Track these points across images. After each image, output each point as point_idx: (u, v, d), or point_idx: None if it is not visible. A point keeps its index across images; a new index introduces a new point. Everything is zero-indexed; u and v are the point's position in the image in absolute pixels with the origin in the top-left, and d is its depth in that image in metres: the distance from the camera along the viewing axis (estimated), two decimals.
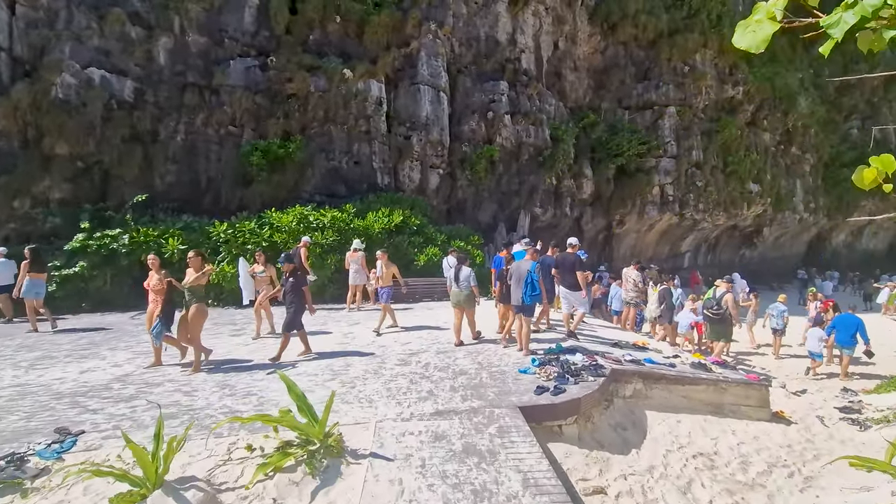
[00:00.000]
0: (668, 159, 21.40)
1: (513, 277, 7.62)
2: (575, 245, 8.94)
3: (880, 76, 36.07)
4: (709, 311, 10.14)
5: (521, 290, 7.29)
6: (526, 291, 7.27)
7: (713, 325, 10.23)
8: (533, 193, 19.27)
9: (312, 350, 7.39)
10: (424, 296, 12.66)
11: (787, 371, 11.01)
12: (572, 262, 8.73)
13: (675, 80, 21.93)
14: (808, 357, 10.94)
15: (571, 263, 8.74)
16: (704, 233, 24.56)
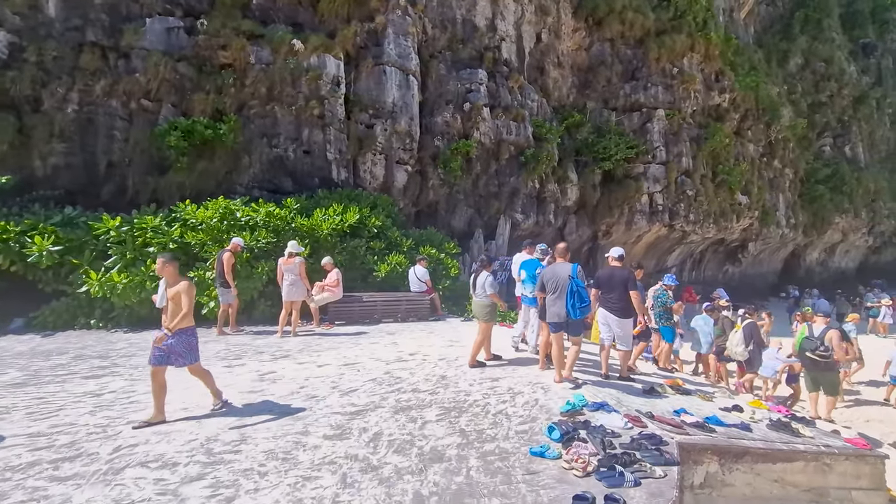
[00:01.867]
0: (658, 165, 19.65)
1: (548, 287, 6.00)
2: (619, 257, 6.61)
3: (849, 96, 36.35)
4: (812, 354, 7.38)
5: (565, 302, 5.77)
6: (572, 303, 5.73)
7: (815, 373, 7.58)
8: (514, 197, 16.98)
9: (215, 398, 4.71)
10: (385, 315, 9.98)
11: (866, 415, 8.81)
12: (624, 279, 6.36)
13: (663, 81, 20.35)
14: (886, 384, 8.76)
15: (623, 280, 6.37)
16: (691, 246, 22.95)
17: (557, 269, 5.99)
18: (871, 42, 43.82)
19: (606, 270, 6.59)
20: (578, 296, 5.79)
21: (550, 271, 6.14)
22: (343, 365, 6.46)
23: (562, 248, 6.28)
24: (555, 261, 6.47)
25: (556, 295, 5.87)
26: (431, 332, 8.96)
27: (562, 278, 5.87)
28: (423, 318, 10.11)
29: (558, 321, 5.87)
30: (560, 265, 6.03)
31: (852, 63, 37.73)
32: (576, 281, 5.90)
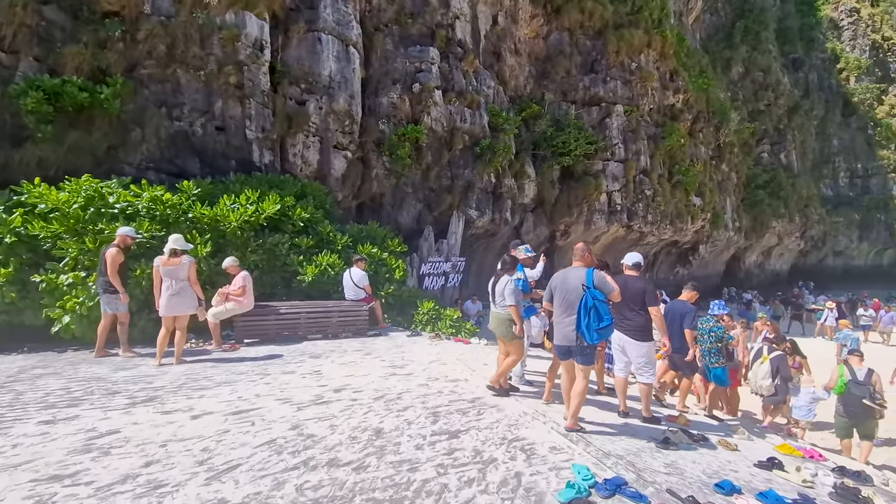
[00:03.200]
0: (616, 163, 18.76)
1: (556, 298, 4.65)
2: (635, 265, 5.30)
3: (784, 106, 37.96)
4: (871, 403, 6.34)
5: (576, 320, 4.40)
6: (586, 322, 4.34)
7: (856, 420, 6.46)
8: (468, 192, 15.33)
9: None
10: (311, 330, 7.91)
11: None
12: (640, 292, 5.04)
13: (622, 76, 19.53)
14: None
15: (639, 293, 5.01)
16: (647, 248, 22.36)
17: (569, 276, 4.59)
18: (800, 57, 46.41)
19: (619, 280, 5.03)
20: (595, 313, 4.33)
21: (560, 278, 4.68)
22: (232, 413, 4.41)
23: (579, 250, 4.73)
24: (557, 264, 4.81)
25: (564, 309, 4.52)
26: (369, 352, 7.03)
27: (573, 288, 4.46)
28: (360, 333, 8.15)
29: (567, 344, 4.48)
30: (573, 270, 4.61)
31: (786, 75, 39.52)
32: (592, 293, 4.38)
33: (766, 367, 7.04)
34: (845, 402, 6.55)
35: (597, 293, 4.51)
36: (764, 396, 7.12)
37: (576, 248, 4.86)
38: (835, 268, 46.56)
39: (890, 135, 49.35)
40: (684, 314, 5.88)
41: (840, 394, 6.57)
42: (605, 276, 4.82)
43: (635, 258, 5.43)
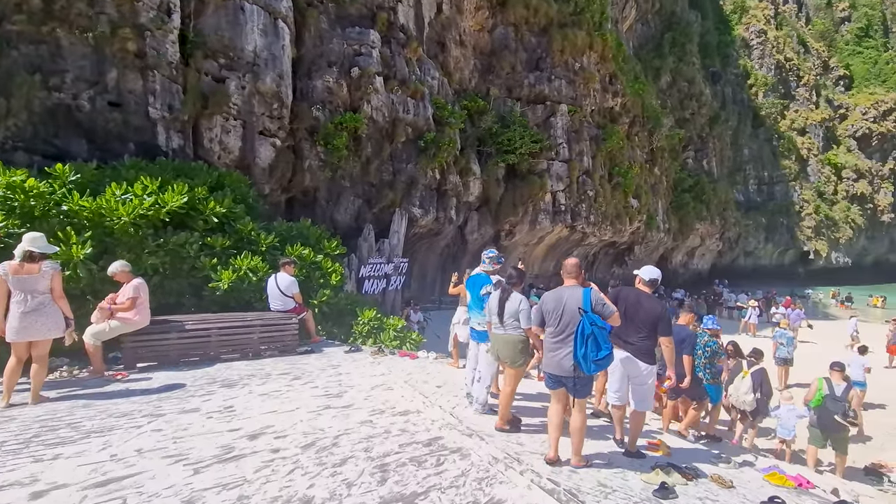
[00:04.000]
0: (561, 163, 18.58)
1: (548, 321, 4.06)
2: (651, 281, 4.63)
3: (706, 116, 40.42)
4: (843, 420, 6.36)
5: (573, 348, 3.81)
6: (583, 352, 3.77)
7: (829, 433, 6.48)
8: (411, 188, 14.32)
9: None
10: (227, 349, 6.54)
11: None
12: (657, 315, 4.36)
13: (566, 75, 19.40)
14: None
15: (655, 316, 4.37)
16: (587, 248, 22.54)
17: (564, 296, 4.01)
18: (718, 71, 49.86)
19: (630, 294, 4.38)
20: (594, 341, 3.80)
21: (553, 300, 4.06)
22: (96, 486, 3.13)
23: (572, 266, 4.17)
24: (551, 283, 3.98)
25: (559, 334, 3.97)
26: (298, 376, 5.84)
27: (569, 311, 3.91)
28: (288, 351, 6.89)
29: (560, 374, 3.93)
30: (567, 291, 4.02)
31: (707, 86, 42.17)
32: (590, 317, 3.84)
33: (747, 381, 6.72)
34: (820, 415, 6.55)
35: (595, 318, 3.91)
36: (746, 411, 6.79)
37: (567, 265, 4.22)
38: (745, 267, 50.61)
39: (791, 146, 54.49)
40: (684, 339, 5.43)
41: (816, 406, 6.57)
42: (605, 297, 4.16)
43: (653, 273, 4.75)
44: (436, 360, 7.52)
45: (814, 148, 55.79)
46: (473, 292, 4.94)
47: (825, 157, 56.17)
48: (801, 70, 57.95)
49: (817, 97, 58.06)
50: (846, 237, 54.49)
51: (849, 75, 62.85)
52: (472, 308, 4.99)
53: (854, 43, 65.61)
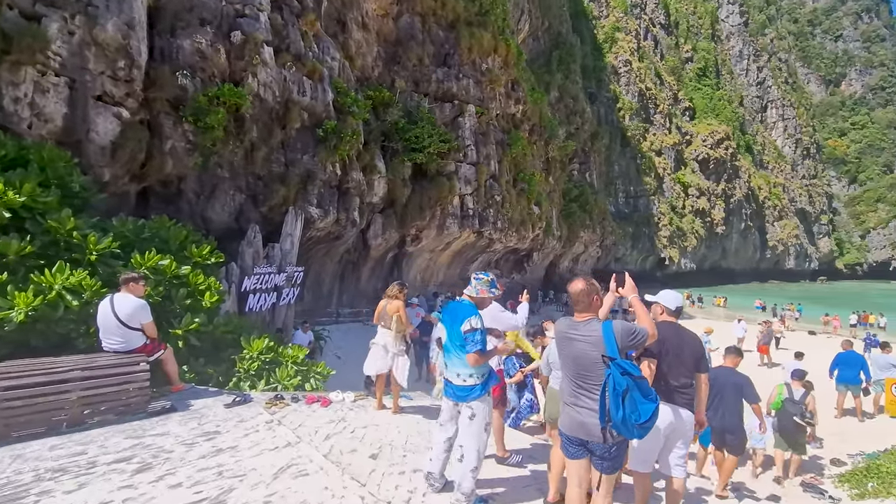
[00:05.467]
0: (469, 166, 17.68)
1: (564, 367, 3.00)
2: (677, 311, 3.71)
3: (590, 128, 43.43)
4: (801, 421, 6.76)
5: (599, 406, 2.72)
6: (621, 415, 2.62)
7: (788, 435, 6.80)
8: (308, 184, 12.10)
9: None
10: (23, 420, 4.00)
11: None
12: (698, 353, 3.55)
13: (474, 75, 18.63)
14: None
15: (697, 355, 3.54)
16: (490, 255, 22.02)
17: (575, 338, 2.90)
18: (594, 92, 54.37)
19: (666, 328, 3.04)
20: (630, 400, 2.63)
21: (563, 340, 2.94)
22: None
23: (580, 293, 2.94)
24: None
25: (576, 386, 2.90)
26: (146, 464, 3.63)
27: (582, 355, 2.84)
28: (132, 413, 4.53)
29: (583, 437, 2.84)
30: (581, 327, 2.91)
31: (588, 105, 45.48)
32: (621, 365, 2.66)
33: None
34: (780, 418, 6.85)
35: (628, 365, 2.70)
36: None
37: (575, 291, 2.97)
38: (615, 271, 55.74)
39: (651, 165, 61.66)
40: (741, 385, 4.55)
41: (777, 409, 6.91)
42: (633, 325, 2.85)
43: (678, 300, 3.68)
44: (355, 402, 5.71)
45: (667, 168, 63.79)
46: (452, 328, 3.33)
47: (676, 176, 64.56)
48: (657, 99, 66.00)
49: (670, 124, 66.59)
50: (692, 245, 63.04)
51: (692, 107, 73.31)
52: (450, 351, 3.38)
53: (696, 80, 76.90)
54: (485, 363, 3.31)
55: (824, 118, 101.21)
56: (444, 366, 3.48)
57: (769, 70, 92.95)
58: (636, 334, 2.86)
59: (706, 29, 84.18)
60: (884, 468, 6.44)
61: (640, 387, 2.71)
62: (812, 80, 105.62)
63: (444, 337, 3.47)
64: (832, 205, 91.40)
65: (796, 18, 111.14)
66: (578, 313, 3.02)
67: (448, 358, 3.42)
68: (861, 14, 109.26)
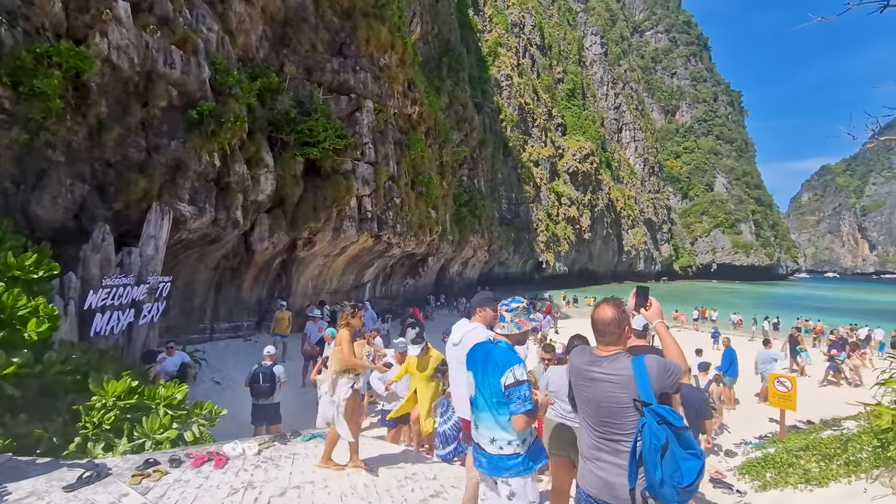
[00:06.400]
0: (367, 165, 16.57)
1: (579, 403, 2.46)
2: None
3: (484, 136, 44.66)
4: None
5: (629, 465, 2.14)
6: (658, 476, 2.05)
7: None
8: (177, 176, 10.01)
9: None
10: None
11: None
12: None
13: (372, 69, 17.57)
14: None
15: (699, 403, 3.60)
16: (387, 260, 21.06)
17: (597, 379, 2.33)
18: (480, 102, 56.38)
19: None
20: (671, 456, 2.09)
21: (580, 380, 2.42)
22: None
23: (609, 323, 2.39)
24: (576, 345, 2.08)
25: (597, 435, 2.33)
26: None
27: (617, 401, 2.26)
28: None
29: (609, 501, 2.26)
30: (604, 364, 2.35)
31: (475, 113, 46.87)
32: (658, 412, 2.16)
33: None
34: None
35: (667, 412, 2.18)
36: None
37: (604, 320, 2.41)
38: (499, 275, 58.48)
39: (529, 175, 65.99)
40: (702, 401, 4.10)
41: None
42: (668, 361, 2.32)
43: (640, 319, 3.21)
44: (259, 455, 4.45)
45: (544, 178, 68.88)
46: (485, 379, 2.52)
47: (551, 186, 70.01)
48: (535, 113, 70.94)
49: (546, 137, 72.04)
50: (564, 250, 68.84)
51: (564, 123, 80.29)
52: (482, 409, 2.54)
53: (566, 99, 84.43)
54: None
55: (664, 142, 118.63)
56: (474, 426, 2.63)
57: (624, 97, 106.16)
58: (672, 373, 2.32)
59: (574, 54, 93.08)
60: (778, 458, 7.00)
61: (682, 439, 2.15)
62: (655, 108, 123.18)
63: (471, 388, 2.63)
64: (670, 216, 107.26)
65: (643, 55, 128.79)
66: (603, 346, 2.39)
67: (478, 417, 2.64)
68: (689, 57, 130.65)
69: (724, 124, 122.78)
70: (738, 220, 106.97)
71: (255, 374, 7.05)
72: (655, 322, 2.64)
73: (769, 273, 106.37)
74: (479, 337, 3.18)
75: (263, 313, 15.20)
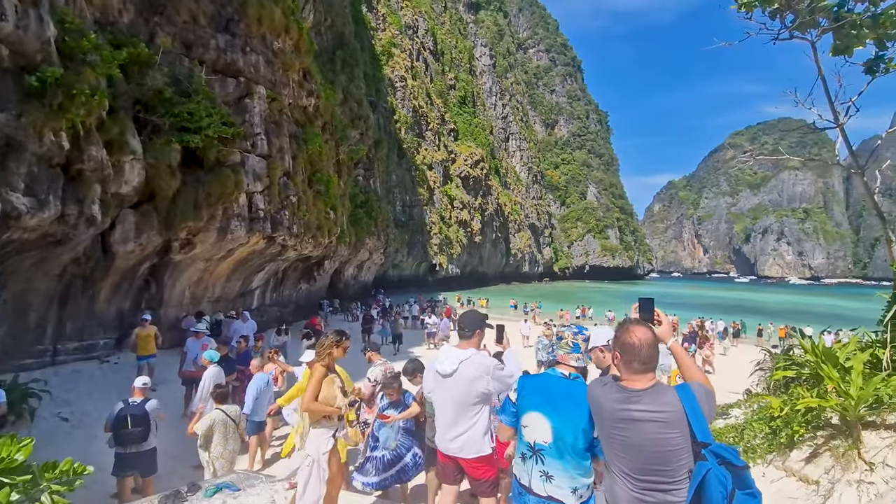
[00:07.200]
0: (259, 158, 14.88)
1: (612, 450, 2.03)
2: None
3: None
4: None
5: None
6: None
7: None
8: (7, 158, 7.77)
9: None
10: None
11: None
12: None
13: (265, 53, 15.84)
14: None
15: None
16: (279, 263, 19.23)
17: (638, 412, 1.90)
18: (374, 101, 55.29)
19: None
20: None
21: (618, 417, 1.95)
22: None
23: (651, 342, 1.99)
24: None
25: (645, 484, 1.88)
26: None
27: (667, 444, 1.84)
28: None
29: None
30: (650, 395, 1.92)
31: (371, 112, 45.73)
32: (720, 453, 1.79)
33: None
34: None
35: (727, 451, 1.86)
36: None
37: (644, 342, 2.02)
38: (393, 277, 57.92)
39: (423, 178, 66.46)
40: None
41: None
42: (703, 386, 1.97)
43: (608, 334, 3.04)
44: None
45: (437, 181, 69.91)
46: (567, 424, 2.08)
47: (444, 190, 71.34)
48: (428, 117, 71.72)
49: (439, 141, 73.22)
50: (457, 253, 70.56)
51: (456, 129, 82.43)
52: (560, 457, 2.12)
53: (458, 106, 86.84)
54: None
55: (545, 153, 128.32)
56: (542, 478, 2.22)
57: (510, 108, 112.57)
58: (709, 395, 1.99)
59: (465, 63, 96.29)
60: None
61: (742, 480, 1.82)
62: (537, 121, 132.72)
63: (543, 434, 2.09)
64: (551, 221, 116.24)
65: (526, 70, 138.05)
66: (637, 375, 1.96)
67: (551, 467, 2.24)
68: (566, 76, 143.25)
69: (594, 140, 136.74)
70: (606, 227, 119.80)
71: (121, 415, 5.43)
72: (670, 342, 2.30)
73: (630, 273, 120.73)
74: (483, 366, 2.68)
75: (126, 328, 12.71)
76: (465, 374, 2.85)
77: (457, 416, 2.89)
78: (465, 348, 3.02)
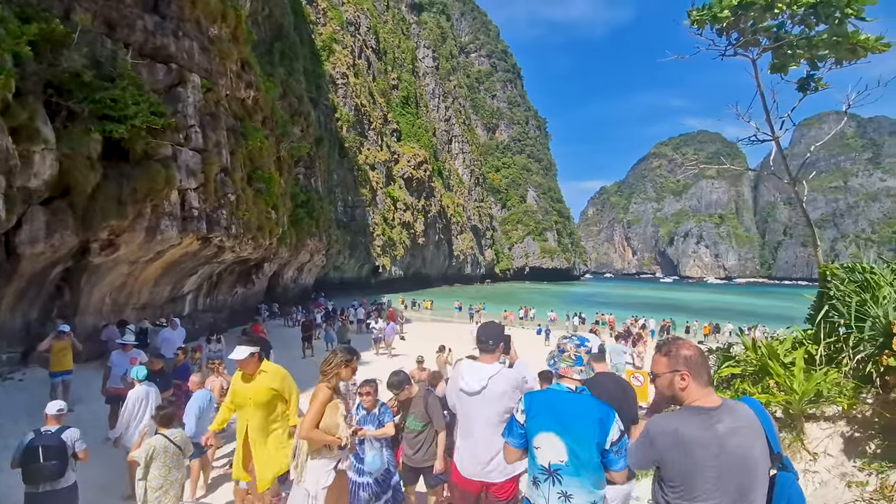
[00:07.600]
0: (193, 152, 13.77)
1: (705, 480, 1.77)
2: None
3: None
4: None
5: None
6: None
7: None
8: None
9: None
10: None
11: None
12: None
13: (199, 38, 14.71)
14: None
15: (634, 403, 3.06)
16: (214, 266, 17.95)
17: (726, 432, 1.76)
18: (315, 97, 53.55)
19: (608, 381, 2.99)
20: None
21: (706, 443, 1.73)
22: None
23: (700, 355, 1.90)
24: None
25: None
26: None
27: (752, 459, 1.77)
28: None
29: None
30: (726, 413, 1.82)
31: (313, 108, 44.22)
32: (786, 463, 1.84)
33: None
34: None
35: (786, 460, 1.89)
36: None
37: (696, 353, 1.92)
38: (334, 280, 56.36)
39: (366, 178, 65.27)
40: None
41: None
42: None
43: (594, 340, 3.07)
44: None
45: (380, 182, 68.96)
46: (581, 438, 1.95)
47: (387, 191, 70.50)
48: (371, 116, 70.60)
49: (382, 141, 72.28)
50: (400, 254, 69.95)
51: (399, 130, 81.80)
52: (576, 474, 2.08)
53: (401, 106, 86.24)
54: None
55: (487, 156, 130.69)
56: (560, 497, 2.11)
57: (453, 111, 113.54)
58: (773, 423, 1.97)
59: (408, 63, 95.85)
60: None
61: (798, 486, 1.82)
62: (479, 125, 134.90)
63: (558, 454, 1.91)
64: (492, 223, 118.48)
65: (469, 74, 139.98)
66: (708, 388, 1.87)
67: (568, 485, 2.11)
68: (506, 82, 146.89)
69: (534, 145, 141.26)
70: (545, 229, 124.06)
71: (31, 447, 4.44)
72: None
73: (567, 274, 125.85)
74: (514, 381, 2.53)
75: (33, 340, 11.22)
76: (495, 391, 2.66)
77: (491, 435, 2.70)
78: (489, 362, 2.83)
